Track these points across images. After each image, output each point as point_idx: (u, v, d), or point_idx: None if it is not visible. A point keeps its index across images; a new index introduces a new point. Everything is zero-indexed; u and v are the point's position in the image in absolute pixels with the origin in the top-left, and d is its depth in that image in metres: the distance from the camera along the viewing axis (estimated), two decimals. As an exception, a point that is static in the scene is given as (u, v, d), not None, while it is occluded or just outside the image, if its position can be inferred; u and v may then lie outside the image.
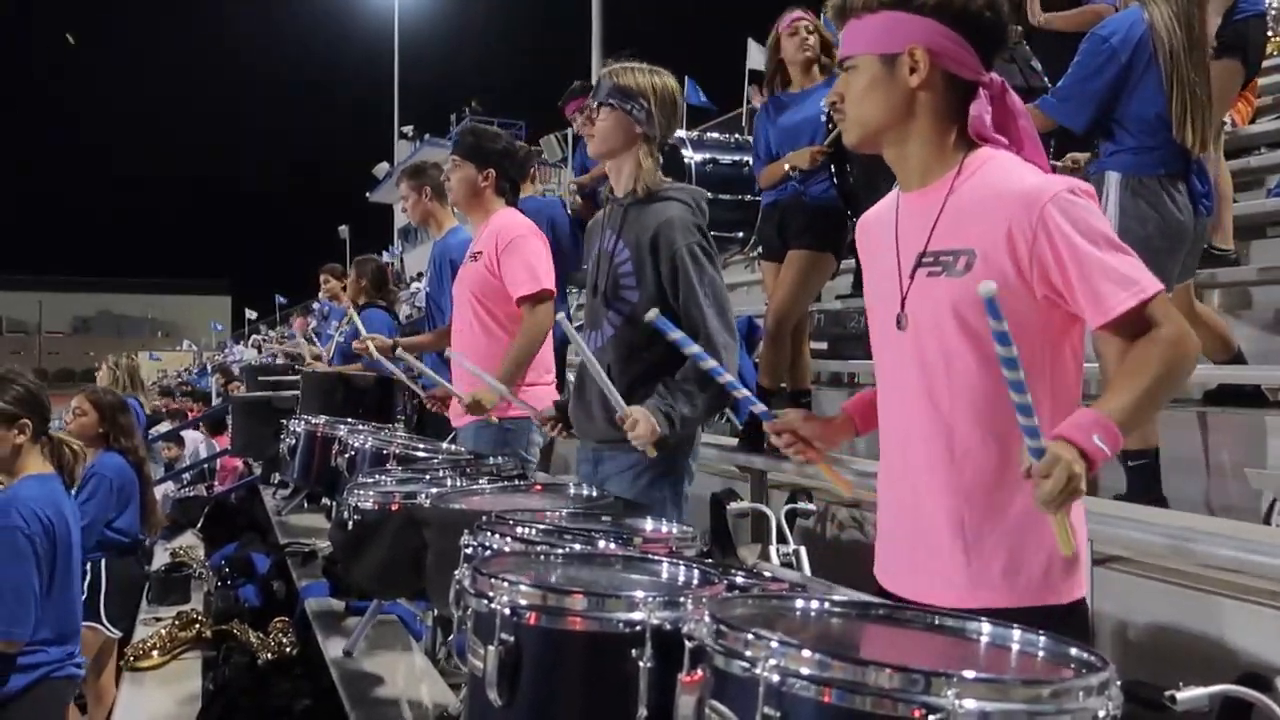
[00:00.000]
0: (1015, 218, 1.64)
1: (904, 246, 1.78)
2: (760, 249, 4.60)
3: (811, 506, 3.86)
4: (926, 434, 1.75)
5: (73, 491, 3.97)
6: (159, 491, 8.71)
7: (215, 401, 14.76)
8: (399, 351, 4.09)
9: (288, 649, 4.18)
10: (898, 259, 1.79)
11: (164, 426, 12.44)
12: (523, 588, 1.37)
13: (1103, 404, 1.56)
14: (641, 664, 1.28)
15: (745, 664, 1.11)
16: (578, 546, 1.72)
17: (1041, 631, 1.28)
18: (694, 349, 2.15)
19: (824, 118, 4.23)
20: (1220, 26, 4.31)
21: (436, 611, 3.20)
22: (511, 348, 3.64)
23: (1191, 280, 3.66)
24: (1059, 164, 3.84)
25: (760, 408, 2.06)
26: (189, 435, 11.48)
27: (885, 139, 1.79)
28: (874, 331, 1.88)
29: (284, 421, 3.97)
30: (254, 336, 30.00)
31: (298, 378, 6.68)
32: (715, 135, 6.30)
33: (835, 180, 4.23)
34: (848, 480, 2.17)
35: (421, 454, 3.30)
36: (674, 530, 2.02)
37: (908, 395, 1.78)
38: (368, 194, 42.56)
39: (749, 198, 5.32)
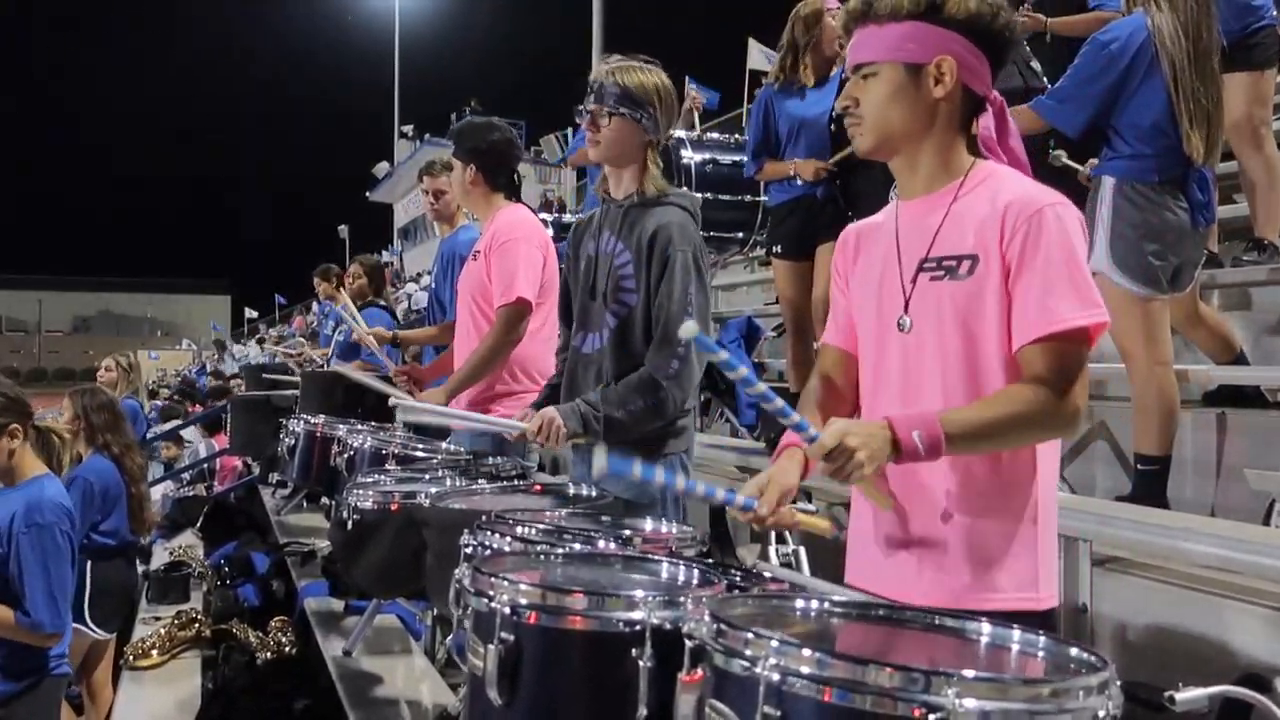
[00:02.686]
0: (1008, 217, 1.69)
1: (905, 252, 1.81)
2: (778, 247, 4.54)
3: (811, 506, 3.85)
4: None
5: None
6: (158, 491, 8.72)
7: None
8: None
9: (287, 648, 4.18)
10: (899, 264, 1.81)
11: (164, 426, 12.42)
12: (523, 587, 1.37)
13: (949, 411, 1.65)
14: (642, 663, 1.28)
15: (745, 663, 1.10)
16: (577, 546, 1.72)
17: (1041, 631, 1.28)
18: (739, 371, 1.72)
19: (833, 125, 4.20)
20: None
21: (436, 611, 3.20)
22: (471, 356, 3.60)
23: (1195, 287, 3.65)
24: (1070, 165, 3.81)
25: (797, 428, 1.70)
26: (189, 434, 11.48)
27: (899, 148, 1.82)
28: (865, 335, 1.90)
29: (283, 420, 3.97)
30: (254, 338, 29.97)
31: (298, 377, 6.68)
32: (715, 135, 6.30)
33: (841, 192, 4.22)
34: (827, 522, 1.93)
35: (421, 454, 3.29)
36: (674, 530, 2.02)
37: (903, 396, 1.80)
38: (368, 194, 42.52)
39: (749, 198, 5.32)
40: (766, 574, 1.94)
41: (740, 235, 5.64)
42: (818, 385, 2.02)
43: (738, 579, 1.70)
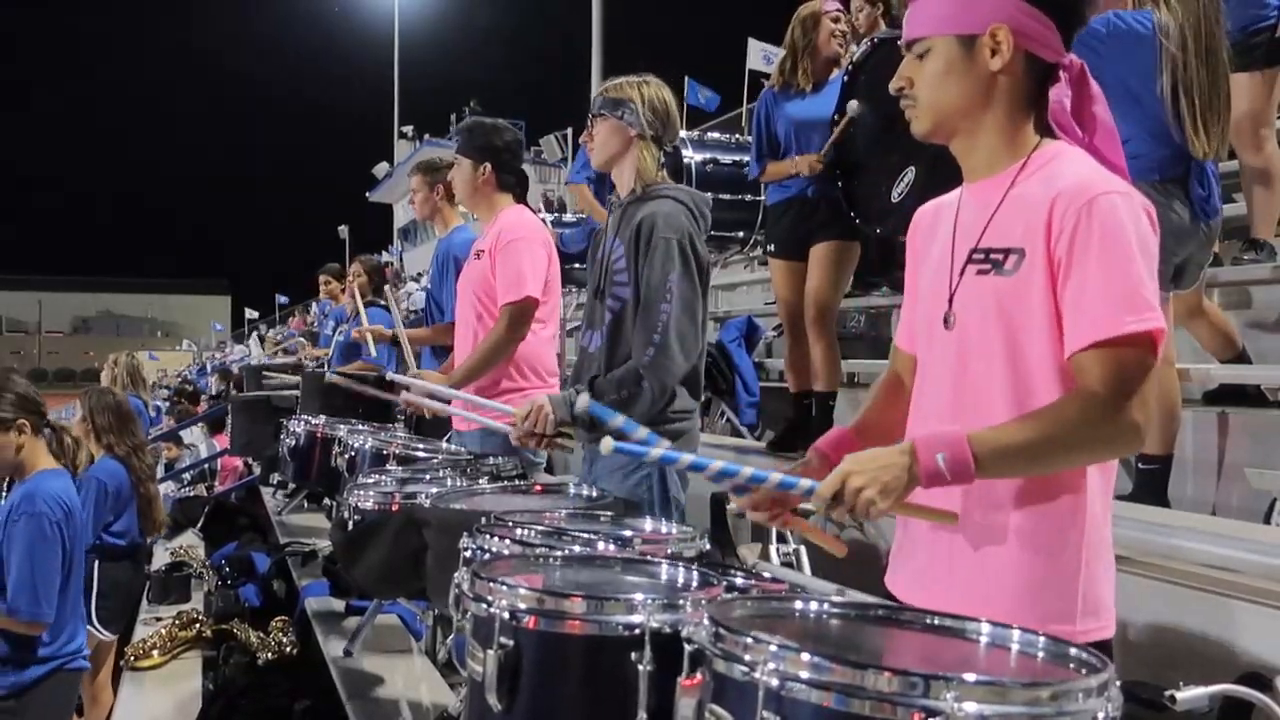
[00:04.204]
0: (1057, 209, 1.54)
1: (959, 240, 1.68)
2: (772, 247, 4.54)
3: (811, 506, 3.84)
4: None
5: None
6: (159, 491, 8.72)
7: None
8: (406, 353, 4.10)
9: (288, 649, 4.17)
10: (952, 253, 1.68)
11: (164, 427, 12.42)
12: (522, 591, 1.37)
13: (980, 431, 1.51)
14: (641, 667, 1.28)
15: (745, 667, 1.11)
16: (577, 549, 1.72)
17: (1040, 631, 1.28)
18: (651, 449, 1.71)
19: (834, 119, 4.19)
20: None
21: (436, 611, 3.20)
22: (475, 350, 3.61)
23: (1200, 285, 3.65)
24: None
25: (736, 477, 1.68)
26: (193, 435, 11.49)
27: (958, 127, 1.68)
28: (920, 330, 1.77)
29: (284, 421, 3.97)
30: (253, 333, 29.89)
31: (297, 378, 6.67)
32: (715, 135, 6.31)
33: (840, 185, 4.21)
34: (840, 542, 1.82)
35: (421, 454, 3.29)
36: (675, 530, 2.02)
37: (945, 398, 1.67)
38: (368, 194, 42.50)
39: (749, 197, 5.32)
40: (767, 574, 1.95)
41: (740, 235, 5.65)
42: (885, 378, 1.93)
43: (738, 580, 1.69)
